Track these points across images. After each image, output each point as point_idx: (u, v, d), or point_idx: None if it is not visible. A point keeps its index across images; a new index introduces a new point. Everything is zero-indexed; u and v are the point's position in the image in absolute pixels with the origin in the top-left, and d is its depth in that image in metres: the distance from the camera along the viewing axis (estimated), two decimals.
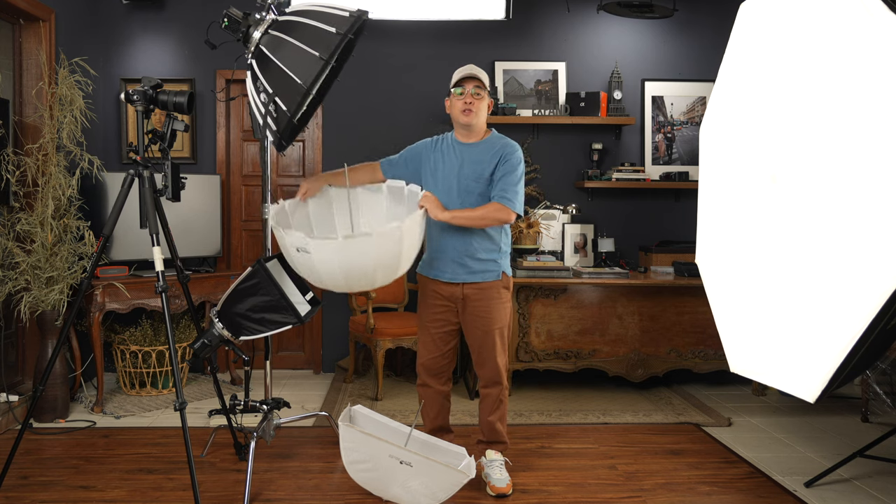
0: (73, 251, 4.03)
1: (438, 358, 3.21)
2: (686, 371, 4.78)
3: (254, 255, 5.27)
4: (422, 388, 3.26)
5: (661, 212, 5.38)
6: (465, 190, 3.10)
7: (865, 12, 2.24)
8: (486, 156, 3.11)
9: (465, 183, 3.10)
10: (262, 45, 2.93)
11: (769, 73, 2.67)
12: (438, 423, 3.28)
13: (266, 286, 2.96)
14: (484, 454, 3.23)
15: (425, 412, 3.28)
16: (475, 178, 3.09)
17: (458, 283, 3.13)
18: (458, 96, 3.09)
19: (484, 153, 3.12)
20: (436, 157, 3.19)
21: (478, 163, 3.11)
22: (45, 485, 3.14)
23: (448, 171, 3.14)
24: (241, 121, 5.24)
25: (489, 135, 3.20)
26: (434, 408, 3.26)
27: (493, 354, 3.15)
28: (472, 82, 3.08)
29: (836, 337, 2.32)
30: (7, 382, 4.02)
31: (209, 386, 4.78)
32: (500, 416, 3.21)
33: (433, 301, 3.19)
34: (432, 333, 3.19)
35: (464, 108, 3.08)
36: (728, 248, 2.89)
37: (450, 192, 3.11)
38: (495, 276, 3.13)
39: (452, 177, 3.12)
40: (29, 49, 4.27)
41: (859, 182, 2.27)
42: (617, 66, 5.27)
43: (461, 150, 3.16)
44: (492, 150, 3.11)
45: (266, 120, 2.92)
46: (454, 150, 3.17)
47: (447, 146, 3.20)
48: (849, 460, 3.31)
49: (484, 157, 3.11)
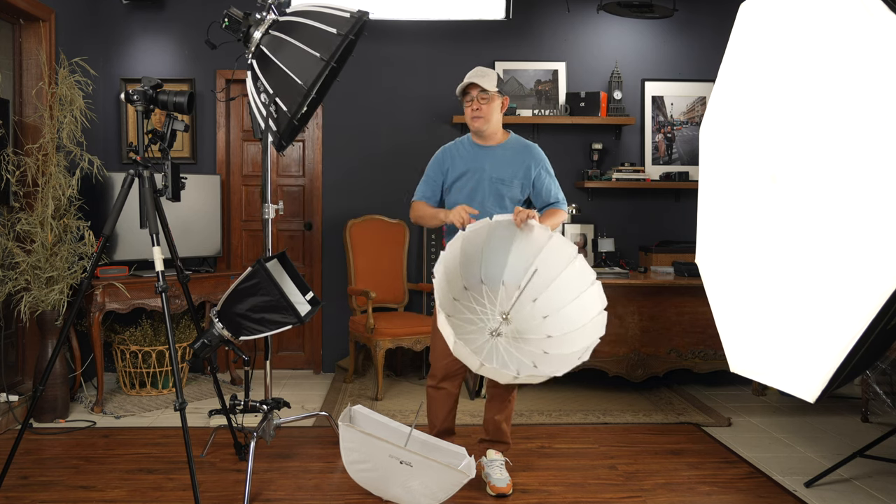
0: (73, 251, 4.03)
1: (454, 361, 3.16)
2: (686, 371, 4.78)
3: (254, 255, 5.27)
4: (435, 390, 3.22)
5: (661, 212, 5.38)
6: (496, 194, 3.13)
7: (865, 12, 2.24)
8: (511, 161, 3.15)
9: (495, 187, 3.14)
10: (262, 46, 2.93)
11: (769, 73, 2.67)
12: (447, 425, 3.26)
13: (266, 286, 2.96)
14: (485, 454, 3.23)
15: (435, 414, 3.25)
16: (504, 183, 3.14)
17: None
18: (467, 103, 3.14)
19: (509, 158, 3.16)
20: (456, 163, 3.21)
21: (504, 167, 3.14)
22: (45, 485, 3.14)
23: (473, 175, 3.16)
24: (241, 121, 5.24)
25: (508, 137, 3.23)
26: (444, 410, 3.24)
27: None
28: (475, 89, 3.09)
29: (836, 337, 2.32)
30: (7, 382, 4.02)
31: (209, 386, 4.78)
32: (507, 417, 3.22)
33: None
34: None
35: (473, 116, 3.12)
36: (728, 248, 2.89)
37: (480, 196, 3.13)
38: None
39: (480, 181, 3.14)
40: (29, 49, 4.27)
41: (859, 182, 2.27)
42: (617, 66, 5.27)
43: (482, 153, 3.18)
44: (517, 156, 3.16)
45: (266, 120, 2.92)
46: (474, 154, 3.19)
47: (466, 150, 3.22)
48: (849, 460, 3.31)
49: (510, 162, 3.15)
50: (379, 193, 5.26)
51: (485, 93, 3.09)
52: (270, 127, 2.94)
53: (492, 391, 3.21)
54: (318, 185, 5.25)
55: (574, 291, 2.91)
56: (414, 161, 5.19)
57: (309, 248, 5.31)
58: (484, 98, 3.09)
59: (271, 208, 3.25)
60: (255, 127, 3.09)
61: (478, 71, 3.14)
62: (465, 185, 3.17)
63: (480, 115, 3.11)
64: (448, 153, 3.26)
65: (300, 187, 5.30)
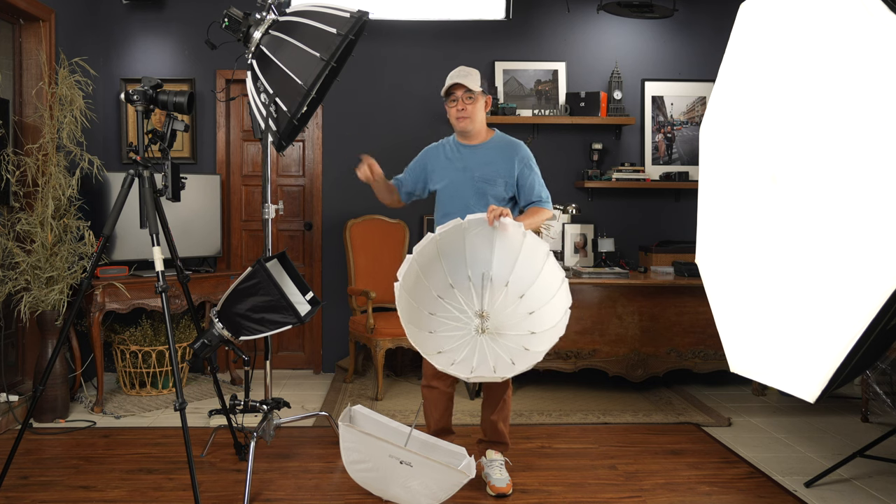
0: (73, 251, 4.03)
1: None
2: (686, 371, 4.78)
3: (254, 255, 5.27)
4: (427, 389, 3.23)
5: (661, 212, 5.38)
6: (479, 192, 3.13)
7: (865, 12, 2.24)
8: (495, 159, 3.15)
9: (479, 186, 3.14)
10: (262, 46, 2.93)
11: (769, 73, 2.67)
12: (442, 424, 3.26)
13: (266, 286, 2.96)
14: (484, 454, 3.23)
15: (429, 414, 3.26)
16: (487, 181, 3.14)
17: None
18: (451, 104, 3.14)
19: (492, 156, 3.16)
20: (440, 162, 3.22)
21: (487, 165, 3.15)
22: (45, 485, 3.14)
23: (456, 174, 3.17)
24: (241, 121, 5.24)
25: (492, 136, 3.23)
26: (439, 409, 3.23)
27: None
28: (460, 89, 3.10)
29: (836, 337, 2.32)
30: (7, 382, 4.02)
31: (209, 386, 4.78)
32: (504, 417, 3.22)
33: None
34: None
35: (458, 117, 3.13)
36: (728, 248, 2.89)
37: (463, 195, 3.14)
38: None
39: (464, 181, 3.15)
40: (29, 49, 4.27)
41: (859, 182, 2.27)
42: (617, 66, 5.27)
43: (466, 152, 3.19)
44: (500, 153, 3.16)
45: (266, 120, 2.92)
46: (458, 153, 3.20)
47: (450, 150, 3.23)
48: (849, 460, 3.31)
49: (493, 160, 3.15)
50: None
51: (470, 93, 3.09)
52: (270, 127, 2.94)
53: (486, 392, 3.22)
54: (318, 185, 5.25)
55: (552, 289, 2.93)
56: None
57: (309, 248, 5.31)
58: (469, 98, 3.10)
59: (271, 208, 3.25)
60: (255, 127, 3.09)
61: (461, 71, 3.14)
62: (449, 184, 3.18)
63: (466, 115, 3.12)
64: (431, 153, 3.28)
65: (300, 187, 5.30)
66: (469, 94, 3.10)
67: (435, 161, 3.25)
